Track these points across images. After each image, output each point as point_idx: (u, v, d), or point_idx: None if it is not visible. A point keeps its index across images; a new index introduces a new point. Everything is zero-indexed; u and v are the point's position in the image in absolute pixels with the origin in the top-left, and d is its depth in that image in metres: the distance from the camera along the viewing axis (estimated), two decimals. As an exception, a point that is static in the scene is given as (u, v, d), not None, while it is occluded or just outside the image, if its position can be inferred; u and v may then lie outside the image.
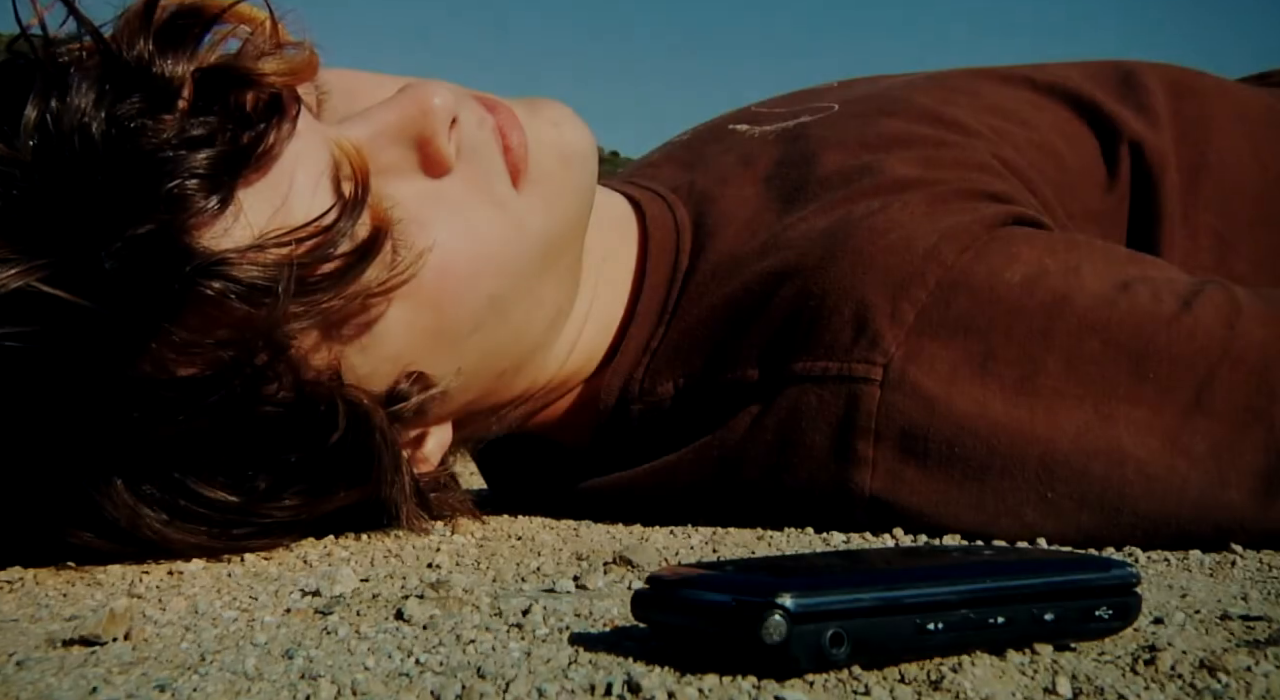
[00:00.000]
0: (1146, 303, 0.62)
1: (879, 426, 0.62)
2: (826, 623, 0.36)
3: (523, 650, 0.41)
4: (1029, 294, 0.63)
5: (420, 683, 0.38)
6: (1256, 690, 0.36)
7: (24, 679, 0.40)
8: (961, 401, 0.61)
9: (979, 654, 0.39)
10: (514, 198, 0.64)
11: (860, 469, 0.63)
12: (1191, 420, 0.59)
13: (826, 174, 0.72)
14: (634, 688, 0.36)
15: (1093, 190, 0.80)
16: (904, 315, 0.63)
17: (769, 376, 0.66)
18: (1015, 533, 0.61)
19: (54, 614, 0.51)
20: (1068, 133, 0.81)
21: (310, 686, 0.38)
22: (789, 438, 0.64)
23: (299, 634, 0.45)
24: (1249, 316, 0.61)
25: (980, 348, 0.62)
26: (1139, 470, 0.59)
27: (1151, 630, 0.43)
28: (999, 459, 0.60)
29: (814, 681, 0.37)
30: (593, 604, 0.48)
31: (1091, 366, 0.61)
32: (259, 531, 0.61)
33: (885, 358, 0.62)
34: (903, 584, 0.38)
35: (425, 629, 0.45)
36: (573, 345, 0.72)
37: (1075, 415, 0.60)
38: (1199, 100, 0.85)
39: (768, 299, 0.67)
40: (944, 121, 0.77)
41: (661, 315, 0.71)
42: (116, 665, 0.41)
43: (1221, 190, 0.82)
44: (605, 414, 0.71)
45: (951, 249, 0.64)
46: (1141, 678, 0.37)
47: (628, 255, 0.74)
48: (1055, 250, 0.65)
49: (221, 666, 0.41)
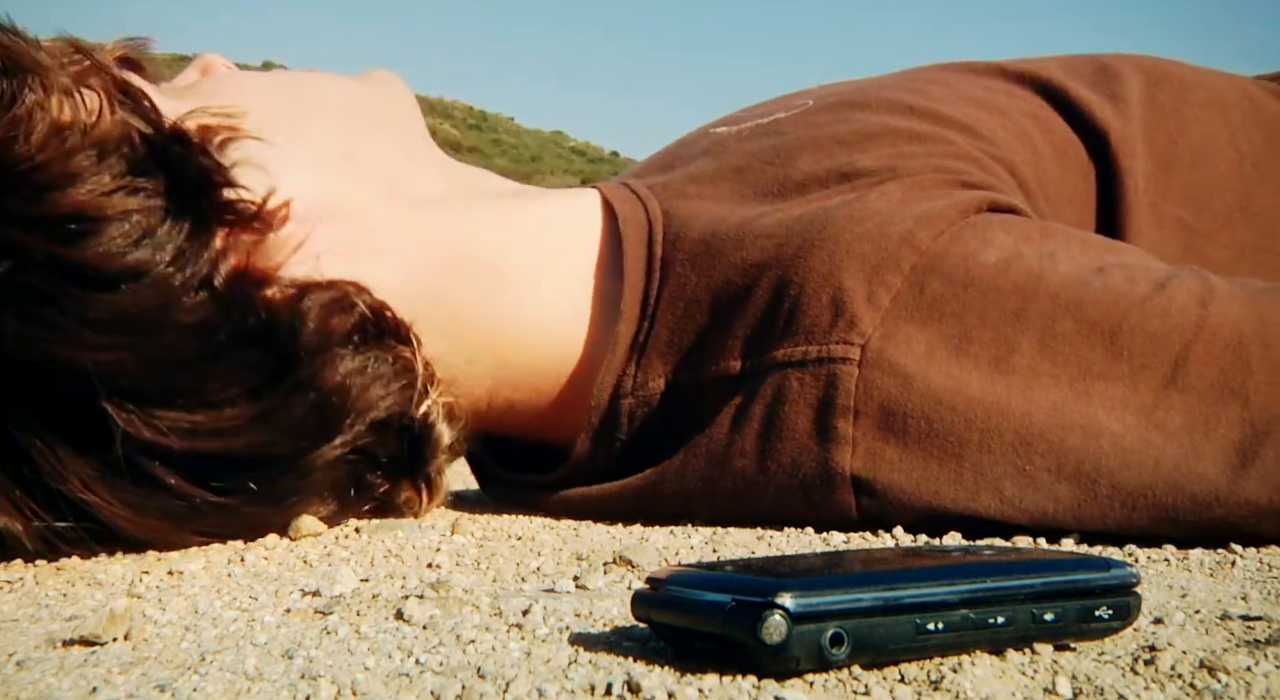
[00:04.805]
0: (1120, 285, 0.63)
1: (858, 404, 0.63)
2: (826, 623, 0.36)
3: (523, 650, 0.41)
4: (1003, 276, 0.63)
5: (420, 683, 0.38)
6: (1256, 690, 0.36)
7: (24, 679, 0.40)
8: (938, 378, 0.62)
9: (979, 654, 0.39)
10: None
11: (840, 448, 0.63)
12: (1167, 396, 0.60)
13: (801, 174, 0.73)
14: (634, 688, 0.36)
15: (1066, 175, 0.80)
16: (880, 299, 0.63)
17: (752, 366, 0.67)
18: (995, 508, 0.61)
19: (54, 614, 0.51)
20: (1040, 119, 0.82)
21: (310, 686, 0.38)
22: (773, 423, 0.65)
23: (299, 634, 0.45)
24: (1223, 297, 0.62)
25: (955, 330, 0.63)
26: (1115, 443, 0.59)
27: (1151, 630, 0.43)
28: (976, 433, 0.61)
29: (814, 681, 0.37)
30: (593, 604, 0.48)
31: (1065, 346, 0.61)
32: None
33: (863, 338, 0.63)
34: (903, 584, 0.38)
35: (425, 629, 0.45)
36: (545, 334, 0.73)
37: (1051, 392, 0.61)
38: (1175, 89, 0.86)
39: (749, 291, 0.67)
40: (917, 112, 0.78)
41: (644, 309, 0.71)
42: (116, 665, 0.41)
43: (1194, 180, 0.83)
44: (598, 411, 0.72)
45: (926, 234, 0.65)
46: (1141, 678, 0.37)
47: (589, 248, 0.75)
48: (1031, 237, 0.66)
49: (221, 666, 0.41)
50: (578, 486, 0.74)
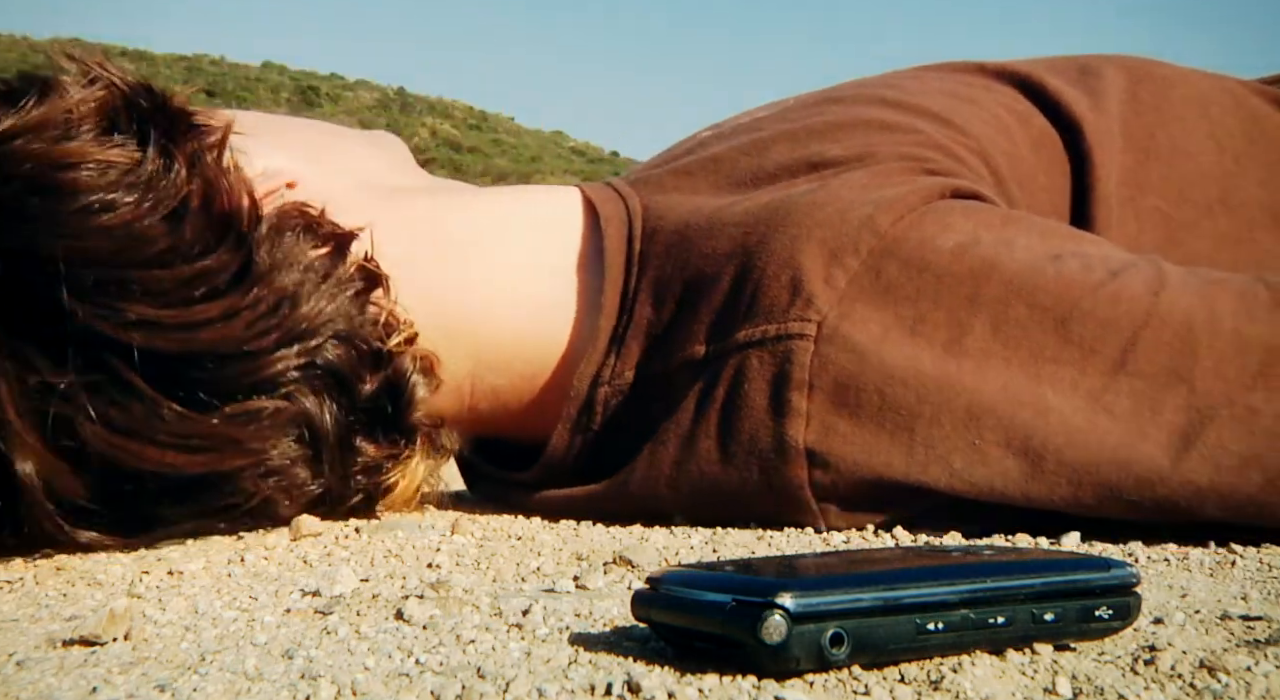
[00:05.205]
0: (1075, 272, 0.64)
1: (813, 378, 0.64)
2: (826, 623, 0.36)
3: (523, 650, 0.41)
4: (958, 261, 0.65)
5: (420, 683, 0.38)
6: (1256, 690, 0.36)
7: (24, 679, 0.40)
8: (892, 355, 0.63)
9: (979, 654, 0.39)
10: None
11: (795, 421, 0.64)
12: (1115, 380, 0.61)
13: (774, 164, 0.75)
14: (634, 688, 0.36)
15: (1043, 165, 0.82)
16: (837, 280, 0.65)
17: (716, 350, 0.68)
18: (945, 481, 0.62)
19: (54, 614, 0.51)
20: (1017, 111, 0.84)
21: (310, 686, 0.38)
22: (734, 401, 0.66)
23: (299, 634, 0.45)
24: (1175, 286, 0.63)
25: (910, 312, 0.64)
26: (1062, 421, 0.60)
27: (1151, 630, 0.43)
28: (928, 407, 0.62)
29: (814, 681, 0.37)
30: (593, 604, 0.48)
31: (1017, 330, 0.63)
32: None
33: (820, 315, 0.64)
34: (903, 584, 0.38)
35: (425, 629, 0.45)
36: (524, 318, 0.74)
37: (1002, 373, 0.62)
38: (1156, 85, 0.88)
39: (717, 278, 0.69)
40: (889, 103, 0.80)
41: (624, 302, 0.73)
42: (116, 665, 0.41)
43: (1174, 172, 0.84)
44: (576, 401, 0.73)
45: (885, 218, 0.66)
46: (1141, 678, 0.37)
47: (569, 243, 0.76)
48: (992, 224, 0.67)
49: (221, 666, 0.41)
50: (558, 483, 0.75)
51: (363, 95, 35.36)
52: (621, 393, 0.72)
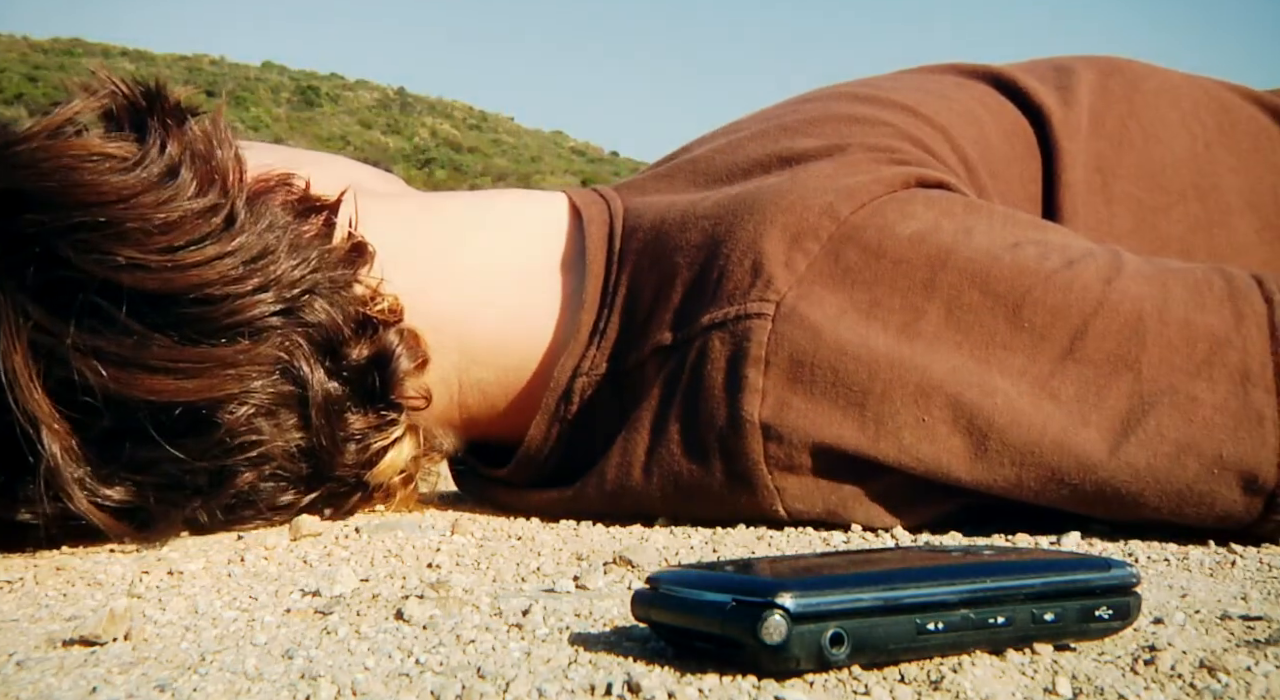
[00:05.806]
0: (1030, 260, 0.65)
1: (769, 354, 0.65)
2: (826, 623, 0.36)
3: (523, 650, 0.41)
4: (915, 248, 0.66)
5: (420, 683, 0.38)
6: (1256, 690, 0.36)
7: (24, 679, 0.40)
8: (847, 333, 0.65)
9: (979, 654, 0.39)
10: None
11: (751, 397, 0.65)
12: (1063, 367, 0.62)
13: (747, 160, 0.77)
14: (634, 688, 0.36)
15: (1015, 154, 0.84)
16: (796, 264, 0.67)
17: (684, 335, 0.69)
18: (894, 456, 0.63)
19: (54, 614, 0.51)
20: (989, 105, 0.86)
21: (310, 686, 0.38)
22: (696, 381, 0.68)
23: (299, 634, 0.45)
24: (1129, 275, 0.64)
25: (866, 297, 0.65)
26: (1008, 403, 0.62)
27: (1151, 630, 0.43)
28: (879, 384, 0.63)
29: (814, 681, 0.37)
30: (593, 604, 0.48)
31: (970, 316, 0.64)
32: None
33: (778, 295, 0.66)
34: (903, 584, 0.38)
35: (425, 629, 0.45)
36: (508, 309, 0.76)
37: (953, 356, 0.63)
38: (1127, 78, 0.90)
39: (687, 269, 0.71)
40: (860, 98, 0.82)
41: (604, 297, 0.74)
42: (116, 665, 0.41)
43: (1146, 159, 0.86)
44: (555, 392, 0.74)
45: (846, 206, 0.68)
46: (1141, 678, 0.37)
47: (554, 244, 0.78)
48: (954, 212, 0.68)
49: (221, 666, 0.41)
50: (535, 480, 0.76)
51: (363, 95, 35.37)
52: (598, 382, 0.73)
